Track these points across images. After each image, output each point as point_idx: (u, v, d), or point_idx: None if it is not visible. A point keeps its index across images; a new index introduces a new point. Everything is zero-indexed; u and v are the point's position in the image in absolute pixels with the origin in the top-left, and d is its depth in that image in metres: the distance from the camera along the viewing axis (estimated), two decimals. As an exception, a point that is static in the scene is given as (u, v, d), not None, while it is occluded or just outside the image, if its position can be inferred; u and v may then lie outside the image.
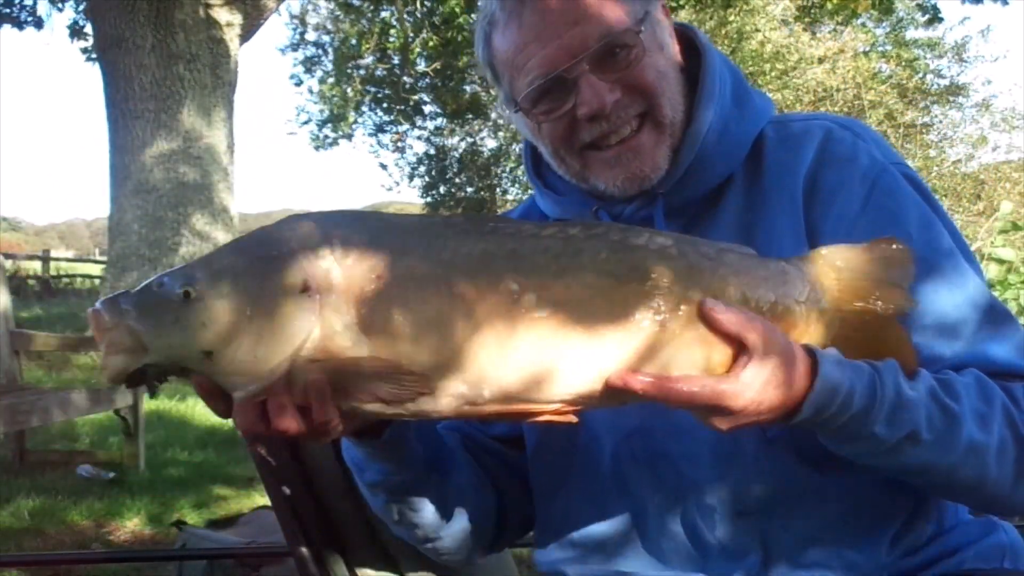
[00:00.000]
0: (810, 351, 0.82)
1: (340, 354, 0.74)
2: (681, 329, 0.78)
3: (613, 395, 0.77)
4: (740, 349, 0.78)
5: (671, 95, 1.00)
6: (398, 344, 0.75)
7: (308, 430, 0.76)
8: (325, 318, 0.74)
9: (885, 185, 0.99)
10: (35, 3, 11.68)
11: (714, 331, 0.77)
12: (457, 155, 20.46)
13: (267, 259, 0.75)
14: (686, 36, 1.07)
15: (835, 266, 0.86)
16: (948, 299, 0.95)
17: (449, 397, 0.76)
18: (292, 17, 16.25)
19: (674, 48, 1.04)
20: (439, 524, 1.06)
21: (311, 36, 17.20)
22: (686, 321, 0.78)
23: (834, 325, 0.86)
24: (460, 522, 1.08)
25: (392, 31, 15.41)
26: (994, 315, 0.96)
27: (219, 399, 0.77)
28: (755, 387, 0.77)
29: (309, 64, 17.62)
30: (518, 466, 1.14)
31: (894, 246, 0.87)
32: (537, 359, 0.75)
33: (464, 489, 1.07)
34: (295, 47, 17.41)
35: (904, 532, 0.98)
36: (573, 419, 0.79)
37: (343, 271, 0.75)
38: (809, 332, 0.85)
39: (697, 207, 1.04)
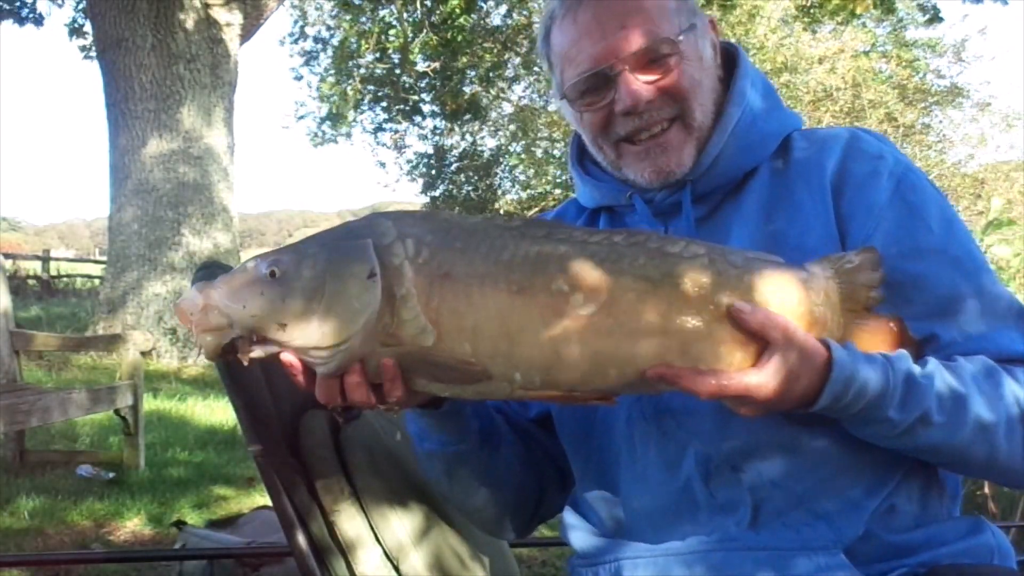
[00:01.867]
0: (826, 345, 0.90)
1: (409, 341, 0.86)
2: (712, 327, 0.87)
3: (650, 384, 0.88)
4: (765, 345, 0.88)
5: (703, 101, 1.09)
6: (460, 334, 0.85)
7: (378, 402, 0.89)
8: (395, 307, 0.85)
9: (910, 182, 1.07)
10: (35, 0, 11.68)
11: (742, 330, 0.87)
12: (456, 155, 20.45)
13: (343, 248, 0.87)
14: (729, 52, 1.17)
15: (841, 272, 0.95)
16: (965, 289, 1.02)
17: (505, 383, 0.87)
18: (293, 6, 16.23)
19: (714, 60, 1.13)
20: (486, 493, 1.19)
21: (311, 31, 17.19)
22: (717, 320, 0.88)
23: (842, 326, 0.95)
24: (505, 494, 1.20)
25: (392, 31, 15.41)
26: (1008, 307, 1.04)
27: (304, 374, 0.89)
28: (778, 379, 0.87)
29: (308, 59, 17.60)
30: (553, 450, 1.23)
31: (876, 254, 0.97)
32: (583, 351, 0.86)
33: (511, 463, 1.18)
34: (295, 40, 17.40)
35: (889, 506, 1.03)
36: (614, 402, 0.90)
37: (412, 265, 0.86)
38: (826, 333, 0.94)
39: (723, 194, 1.12)
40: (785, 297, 0.91)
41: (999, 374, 0.97)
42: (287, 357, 0.88)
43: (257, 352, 0.88)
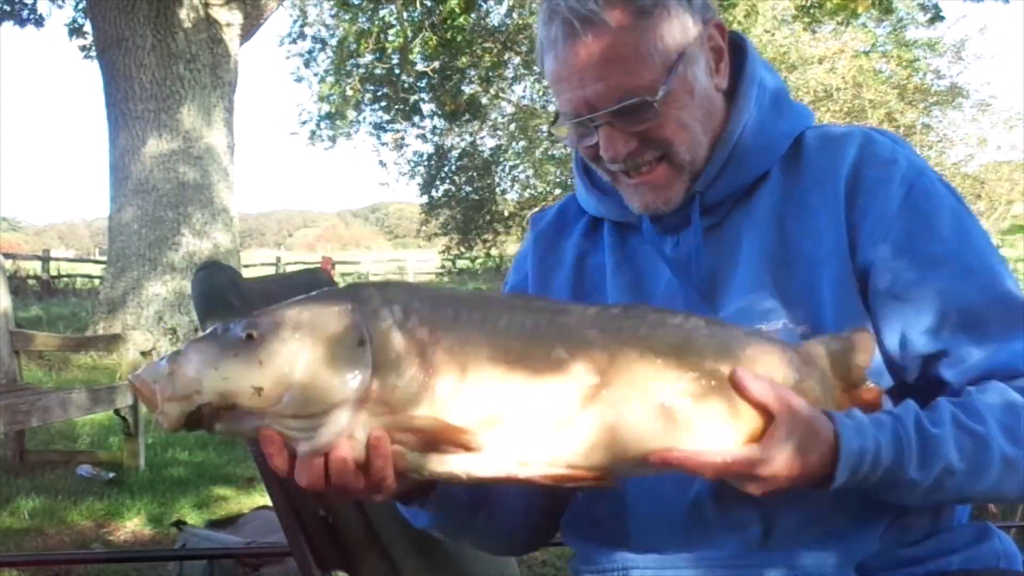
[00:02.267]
0: (831, 417, 0.87)
1: (400, 410, 0.80)
2: (714, 401, 0.84)
3: (652, 466, 0.84)
4: (769, 419, 0.84)
5: (690, 141, 1.03)
6: (454, 404, 0.80)
7: (365, 486, 0.82)
8: (383, 377, 0.80)
9: (922, 188, 1.02)
10: (35, 1, 11.68)
11: (745, 400, 0.84)
12: (456, 154, 20.46)
13: (328, 313, 0.81)
14: (735, 43, 1.11)
15: (836, 352, 0.93)
16: (977, 300, 0.98)
17: (499, 458, 0.82)
18: (293, 6, 16.23)
19: (716, 75, 1.06)
20: (489, 541, 1.19)
21: (310, 31, 17.20)
22: (719, 394, 0.85)
23: (836, 405, 0.92)
24: (508, 533, 1.18)
25: (391, 30, 15.41)
26: None
27: (282, 453, 0.80)
28: (784, 455, 0.84)
29: (308, 59, 17.61)
30: None
31: (869, 335, 0.95)
32: (583, 421, 0.82)
33: (514, 511, 1.14)
34: (294, 40, 17.41)
35: (899, 523, 1.01)
36: (615, 485, 0.86)
37: (402, 330, 0.81)
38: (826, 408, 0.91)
39: (733, 202, 1.08)
40: (784, 373, 0.89)
41: (1016, 402, 0.92)
42: (265, 430, 0.79)
43: (227, 423, 0.80)
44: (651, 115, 1.00)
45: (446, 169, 22.59)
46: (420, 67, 16.26)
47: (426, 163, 20.69)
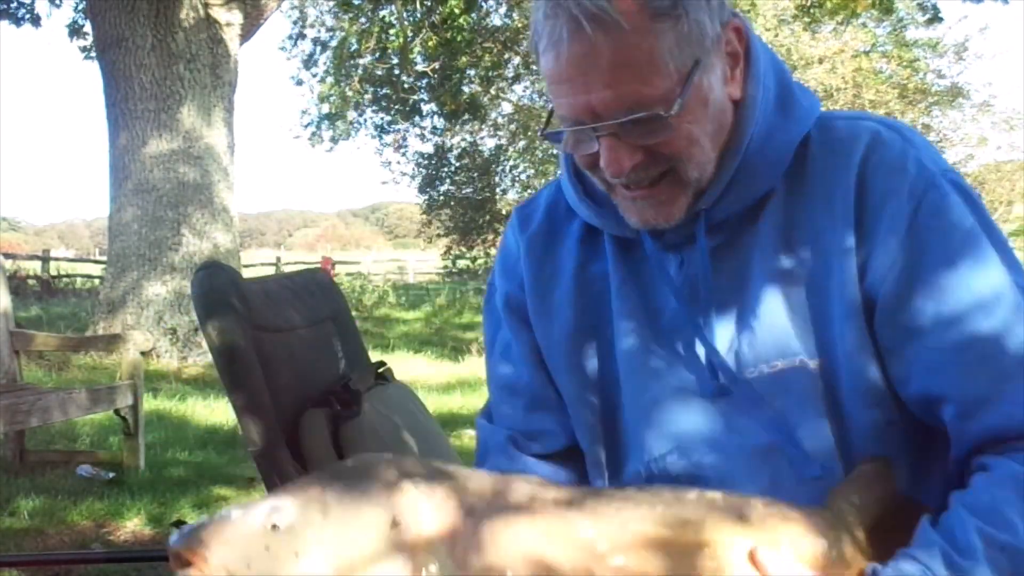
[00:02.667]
0: None
1: None
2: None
3: None
4: None
5: (700, 157, 0.94)
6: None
7: None
8: (415, 556, 0.76)
9: (931, 204, 0.92)
10: (33, 1, 11.68)
11: None
12: (456, 154, 20.46)
13: (354, 491, 0.76)
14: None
15: (854, 504, 0.89)
16: (980, 338, 0.88)
17: None
18: (292, 7, 16.25)
19: (730, 83, 0.96)
20: None
21: (310, 32, 17.22)
22: (739, 569, 0.81)
23: (868, 546, 0.89)
24: None
25: (392, 30, 15.41)
26: None
27: None
28: None
29: (308, 61, 17.63)
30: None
31: (888, 465, 0.92)
32: None
33: None
34: (294, 41, 17.42)
35: None
36: None
37: (430, 503, 0.78)
38: (856, 562, 0.87)
39: (739, 220, 1.00)
40: (813, 544, 0.84)
41: None
42: None
43: None
44: (662, 130, 0.89)
45: (446, 169, 22.59)
46: (420, 67, 16.26)
47: (426, 163, 20.69)
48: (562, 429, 1.11)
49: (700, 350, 0.99)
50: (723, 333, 0.98)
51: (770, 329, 0.95)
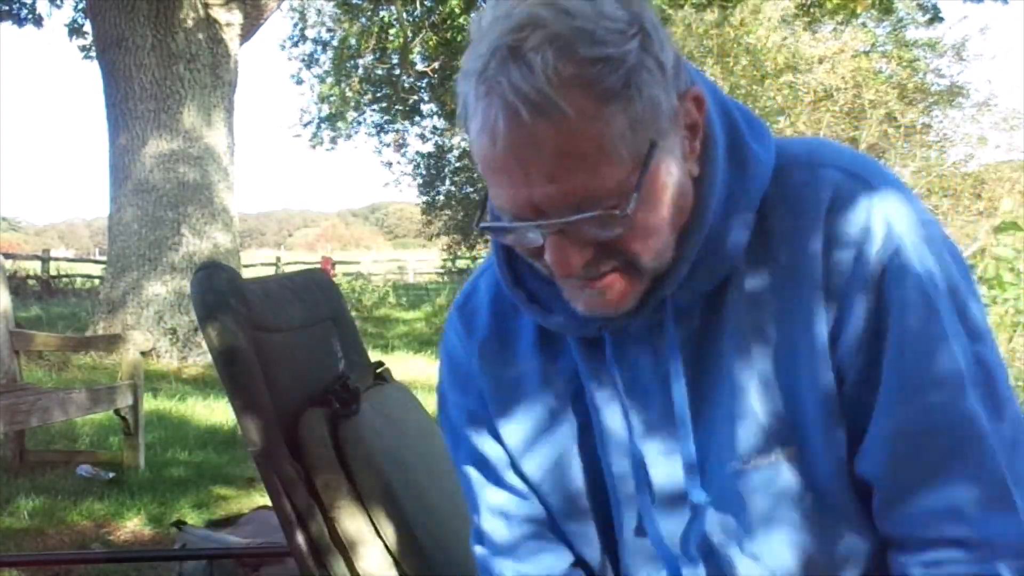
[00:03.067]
0: None
1: None
2: None
3: None
4: None
5: (658, 246, 0.83)
6: None
7: None
8: None
9: (895, 271, 0.84)
10: (34, 1, 11.69)
11: None
12: (456, 154, 20.46)
13: None
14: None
15: None
16: (923, 424, 0.82)
17: None
18: (292, 9, 16.26)
19: (689, 158, 0.85)
20: None
21: (311, 33, 17.23)
22: None
23: None
24: None
25: (391, 31, 15.42)
26: (994, 480, 0.81)
27: None
28: None
29: (309, 61, 17.64)
30: None
31: None
32: None
33: None
34: (295, 43, 17.43)
35: None
36: None
37: None
38: None
39: (706, 302, 0.90)
40: None
41: None
42: None
43: None
44: (615, 227, 0.79)
45: (447, 169, 22.59)
46: (420, 67, 16.26)
47: (426, 163, 20.69)
48: (566, 547, 1.02)
49: (681, 450, 0.91)
50: (703, 431, 0.90)
51: (744, 426, 0.88)
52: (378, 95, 17.87)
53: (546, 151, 0.75)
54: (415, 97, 17.65)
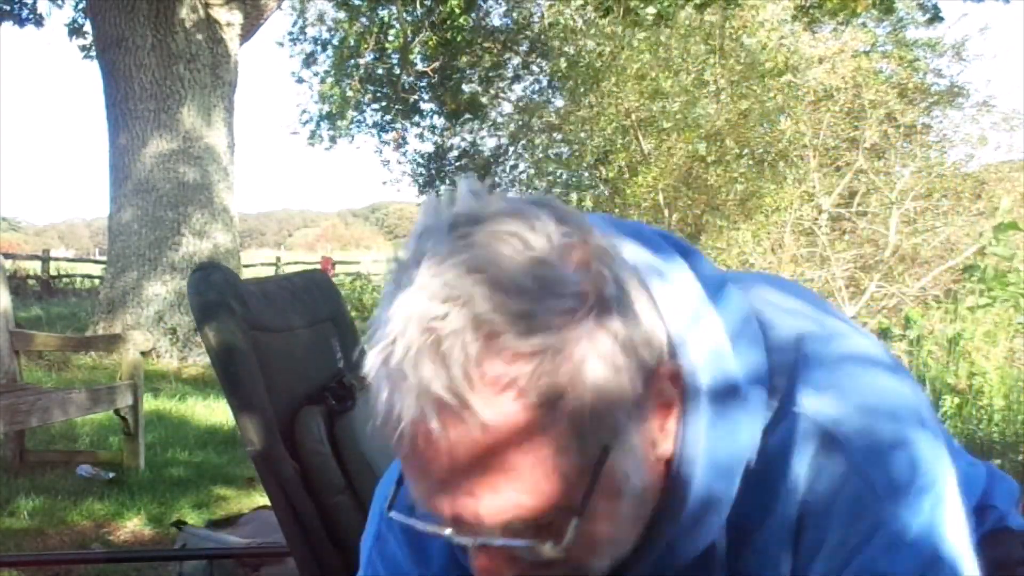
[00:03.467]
0: None
1: None
2: None
3: None
4: None
5: (614, 548, 0.70)
6: None
7: None
8: None
9: (876, 548, 0.70)
10: (35, 1, 11.69)
11: None
12: (456, 154, 20.45)
13: None
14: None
15: None
16: None
17: None
18: (293, 9, 16.27)
19: (661, 443, 0.69)
20: None
21: (311, 32, 17.24)
22: None
23: None
24: None
25: (391, 30, 15.42)
26: None
27: None
28: None
29: (309, 60, 17.64)
30: None
31: None
32: None
33: None
34: (294, 40, 17.44)
35: None
36: None
37: None
38: None
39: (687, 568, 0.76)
40: None
41: None
42: None
43: None
44: (552, 556, 0.64)
45: (447, 169, 22.60)
46: (420, 67, 16.26)
47: (426, 163, 20.67)
48: None
49: None
50: None
51: None
52: (378, 95, 17.87)
53: (462, 464, 0.60)
54: (415, 97, 17.65)
